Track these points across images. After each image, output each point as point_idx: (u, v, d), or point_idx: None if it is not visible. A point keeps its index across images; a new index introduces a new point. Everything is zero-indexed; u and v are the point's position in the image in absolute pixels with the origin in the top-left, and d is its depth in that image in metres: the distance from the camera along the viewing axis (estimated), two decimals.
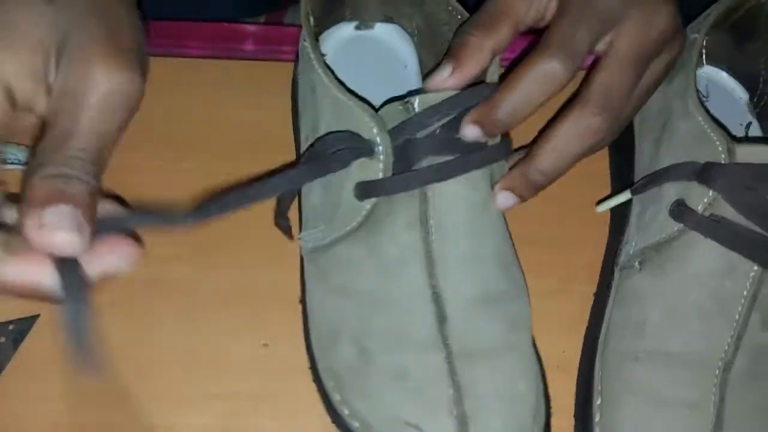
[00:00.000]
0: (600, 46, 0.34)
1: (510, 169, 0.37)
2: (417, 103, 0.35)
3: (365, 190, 0.36)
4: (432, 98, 0.35)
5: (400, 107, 0.35)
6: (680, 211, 0.35)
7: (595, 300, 0.41)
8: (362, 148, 0.35)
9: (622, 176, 0.42)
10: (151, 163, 0.43)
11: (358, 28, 0.45)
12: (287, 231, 0.40)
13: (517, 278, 0.38)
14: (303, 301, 0.40)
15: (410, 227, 0.36)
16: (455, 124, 0.35)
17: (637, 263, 0.37)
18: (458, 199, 0.36)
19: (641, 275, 0.37)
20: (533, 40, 0.38)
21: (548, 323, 0.41)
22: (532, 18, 0.35)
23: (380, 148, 0.35)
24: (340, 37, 0.45)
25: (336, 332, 0.37)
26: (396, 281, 0.36)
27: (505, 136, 0.37)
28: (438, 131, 0.35)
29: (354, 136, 0.35)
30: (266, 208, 0.40)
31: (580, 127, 0.34)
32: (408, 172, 0.35)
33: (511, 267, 0.38)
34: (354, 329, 0.37)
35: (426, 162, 0.35)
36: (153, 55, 0.44)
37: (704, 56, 0.41)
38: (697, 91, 0.37)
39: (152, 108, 0.44)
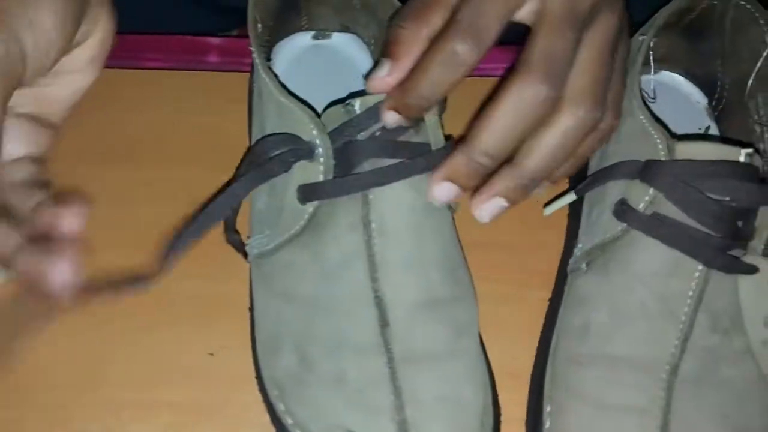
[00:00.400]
0: (529, 17, 0.32)
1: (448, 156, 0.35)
2: (357, 105, 0.35)
3: (306, 192, 0.36)
4: (372, 99, 0.35)
5: (342, 109, 0.35)
6: (623, 210, 0.34)
7: (549, 305, 0.40)
8: (302, 150, 0.35)
9: (580, 178, 0.41)
10: (113, 174, 0.43)
11: (315, 37, 0.46)
12: (239, 246, 0.40)
13: (464, 282, 0.38)
14: (251, 308, 0.40)
15: (352, 230, 0.35)
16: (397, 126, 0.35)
17: (584, 265, 0.37)
18: (400, 202, 0.35)
19: (587, 277, 0.36)
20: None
21: (502, 330, 0.40)
22: None
23: (320, 150, 0.35)
24: (296, 46, 0.45)
25: (278, 339, 0.37)
26: (338, 285, 0.36)
27: (449, 140, 0.37)
28: (379, 133, 0.35)
29: (293, 137, 0.35)
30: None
31: (525, 97, 0.30)
32: (350, 175, 0.35)
33: (457, 271, 0.37)
34: (296, 335, 0.36)
35: (368, 165, 0.35)
36: (116, 68, 0.46)
37: (653, 59, 0.41)
38: (642, 91, 0.36)
39: (115, 120, 0.45)
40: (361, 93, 0.36)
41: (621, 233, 0.35)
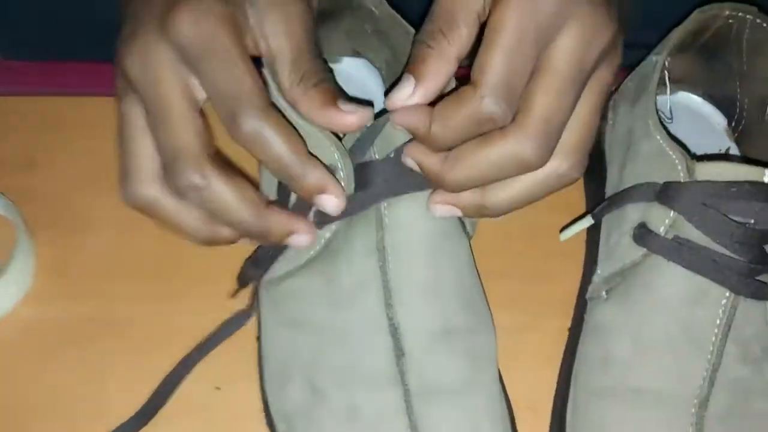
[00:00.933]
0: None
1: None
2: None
3: (322, 215, 0.34)
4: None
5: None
6: (642, 234, 0.33)
7: (569, 334, 0.39)
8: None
9: (597, 203, 0.40)
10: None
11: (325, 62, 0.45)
12: (253, 278, 0.38)
13: (482, 311, 0.36)
14: (259, 337, 0.38)
15: (367, 255, 0.34)
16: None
17: (604, 292, 0.35)
18: (416, 226, 0.34)
19: (607, 305, 0.35)
20: None
21: (521, 361, 0.39)
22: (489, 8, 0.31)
23: (342, 173, 0.34)
24: None
25: (287, 369, 0.36)
26: (351, 312, 0.34)
27: None
28: (393, 154, 0.34)
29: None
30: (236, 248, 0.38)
31: (511, 157, 0.29)
32: (360, 192, 0.34)
33: (474, 299, 0.36)
34: (306, 365, 0.35)
35: (384, 185, 0.34)
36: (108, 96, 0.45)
37: (670, 80, 0.40)
38: (658, 111, 0.35)
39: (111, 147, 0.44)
40: (377, 115, 0.35)
41: (641, 258, 0.33)
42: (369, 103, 0.34)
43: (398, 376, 0.33)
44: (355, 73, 0.45)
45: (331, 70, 0.33)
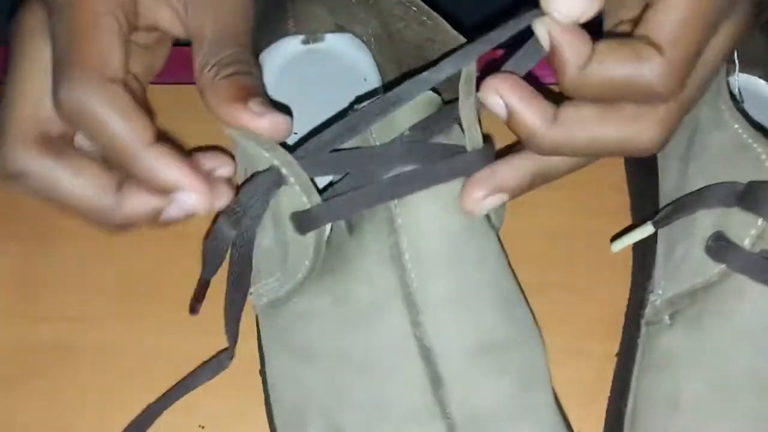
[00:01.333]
0: None
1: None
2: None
3: (298, 222, 0.29)
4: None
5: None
6: (720, 246, 0.27)
7: (618, 362, 0.33)
8: (270, 179, 0.28)
9: (645, 206, 0.34)
10: None
11: (305, 41, 0.38)
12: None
13: (524, 319, 0.30)
14: (263, 371, 0.32)
15: (380, 264, 0.29)
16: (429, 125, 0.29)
17: (666, 317, 0.29)
18: (436, 224, 0.29)
19: (673, 332, 0.29)
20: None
21: (560, 391, 0.32)
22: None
23: (284, 170, 0.28)
24: (285, 52, 0.38)
25: (303, 410, 0.30)
26: (370, 335, 0.29)
27: (488, 139, 0.30)
28: (400, 142, 0.29)
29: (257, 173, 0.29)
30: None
31: (636, 81, 0.25)
32: (350, 191, 0.29)
33: (514, 304, 0.30)
34: (325, 404, 0.30)
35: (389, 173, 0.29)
36: None
37: (737, 58, 0.33)
38: (732, 95, 0.29)
39: None
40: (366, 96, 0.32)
41: (718, 277, 0.27)
42: (287, 110, 0.30)
43: (438, 408, 0.28)
44: (341, 50, 0.38)
45: (259, 69, 0.30)
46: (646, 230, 0.30)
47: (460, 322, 0.29)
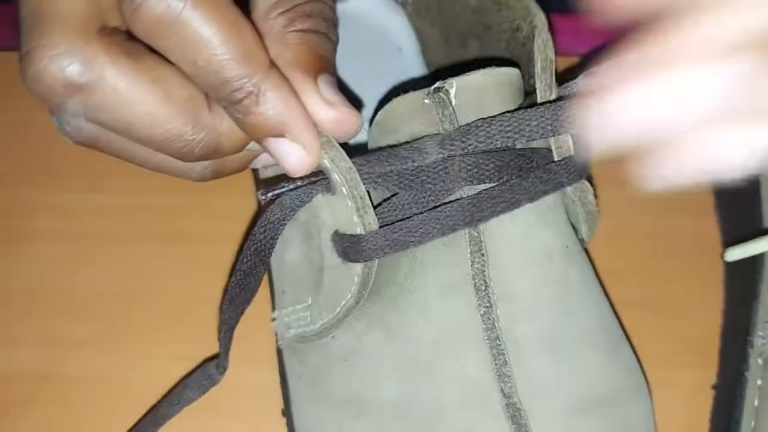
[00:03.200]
0: None
1: None
2: (454, 89, 0.23)
3: (344, 247, 0.23)
4: (477, 79, 0.23)
5: (426, 100, 0.23)
6: None
7: (717, 398, 0.28)
8: (315, 181, 0.23)
9: (739, 206, 0.29)
10: (58, 199, 0.32)
11: None
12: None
13: (630, 361, 0.25)
14: (287, 413, 0.27)
15: (454, 292, 0.23)
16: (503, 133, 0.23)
17: None
18: (532, 245, 0.23)
19: None
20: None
21: None
22: None
23: (336, 175, 0.23)
24: None
25: None
26: (439, 384, 0.23)
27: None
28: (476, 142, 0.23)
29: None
30: (214, 268, 0.30)
31: None
32: (417, 215, 0.23)
33: (620, 348, 0.25)
34: None
35: (459, 193, 0.23)
36: None
37: None
38: None
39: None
40: (393, 74, 0.28)
41: None
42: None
43: None
44: (369, 13, 0.32)
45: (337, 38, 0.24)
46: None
47: (560, 373, 0.23)
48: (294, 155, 0.22)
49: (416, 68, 0.32)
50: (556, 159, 0.23)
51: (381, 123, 0.24)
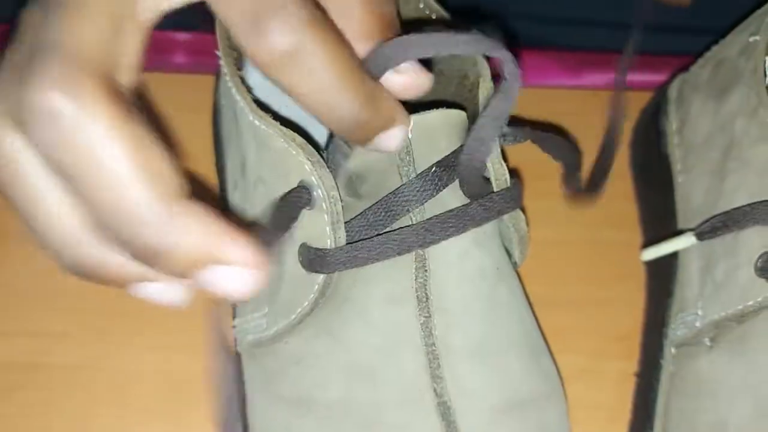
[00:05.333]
0: None
1: None
2: (410, 127, 0.25)
3: (311, 259, 0.26)
4: (433, 119, 0.26)
5: None
6: None
7: (638, 384, 0.31)
8: (298, 195, 0.25)
9: (658, 218, 0.33)
10: None
11: None
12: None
13: (551, 371, 0.28)
14: (242, 414, 0.29)
15: (400, 305, 0.26)
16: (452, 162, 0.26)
17: (707, 339, 0.28)
18: (468, 264, 0.26)
19: (714, 356, 0.28)
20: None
21: (577, 413, 0.30)
22: None
23: (320, 191, 0.25)
24: None
25: None
26: (379, 385, 0.26)
27: (515, 176, 0.27)
28: (434, 170, 0.26)
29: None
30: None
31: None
32: (376, 236, 0.25)
33: (541, 356, 0.28)
34: None
35: (411, 216, 0.26)
36: None
37: (767, 67, 0.32)
38: None
39: None
40: None
41: None
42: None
43: None
44: None
45: None
46: (687, 241, 0.29)
47: (486, 377, 0.26)
48: (395, 140, 0.23)
49: None
50: (495, 190, 0.26)
51: (340, 145, 0.26)
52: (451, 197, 0.26)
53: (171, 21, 0.22)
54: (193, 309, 0.30)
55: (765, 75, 0.31)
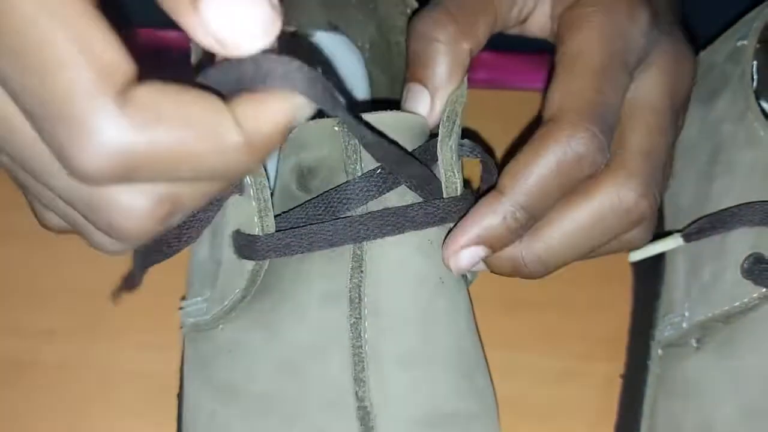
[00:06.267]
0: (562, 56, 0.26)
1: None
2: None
3: (240, 244, 0.26)
4: (389, 121, 0.26)
5: (336, 127, 0.26)
6: (759, 269, 0.26)
7: (624, 385, 0.32)
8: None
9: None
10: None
11: (293, 35, 0.35)
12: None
13: (485, 392, 0.27)
14: (180, 395, 0.29)
15: (331, 303, 0.25)
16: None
17: (693, 340, 0.28)
18: (406, 271, 0.26)
19: (701, 357, 0.28)
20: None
21: (564, 415, 0.31)
22: (515, 18, 0.28)
23: (248, 179, 0.25)
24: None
25: None
26: (304, 382, 0.25)
27: (468, 185, 0.28)
28: (379, 171, 0.26)
29: None
30: (176, 265, 0.29)
31: (612, 207, 0.25)
32: (311, 224, 0.25)
33: (477, 375, 0.27)
34: None
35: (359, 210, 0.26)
36: None
37: (754, 71, 0.33)
38: (762, 111, 0.28)
39: None
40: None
41: (758, 301, 0.26)
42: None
43: None
44: (331, 52, 0.35)
45: None
46: (674, 242, 0.29)
47: (412, 387, 0.25)
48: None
49: (362, 107, 0.33)
50: (444, 196, 0.26)
51: (292, 138, 0.26)
52: (398, 199, 0.26)
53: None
54: (169, 310, 0.31)
55: (752, 80, 0.31)
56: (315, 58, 0.34)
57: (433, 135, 0.27)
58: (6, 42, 0.15)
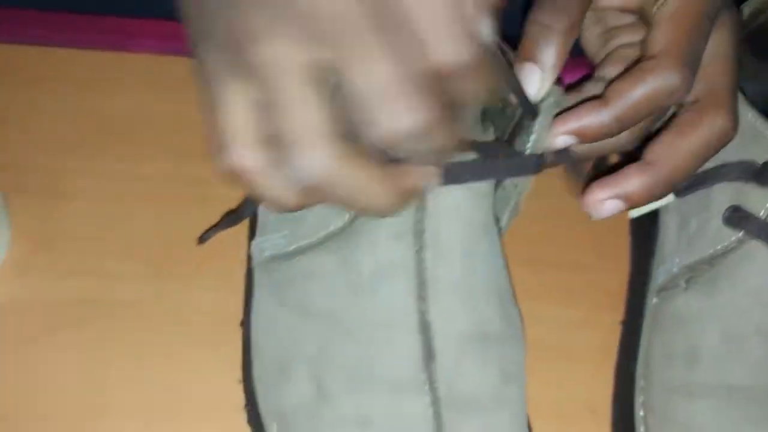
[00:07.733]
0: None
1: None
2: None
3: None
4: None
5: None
6: (738, 217, 0.31)
7: (623, 330, 0.36)
8: None
9: None
10: (110, 167, 0.38)
11: None
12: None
13: (515, 320, 0.32)
14: (246, 323, 0.33)
15: (399, 237, 0.30)
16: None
17: (683, 282, 0.32)
18: (460, 214, 0.30)
19: (688, 295, 0.32)
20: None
21: (574, 359, 0.36)
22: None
23: None
24: None
25: (288, 362, 0.31)
26: (374, 301, 0.30)
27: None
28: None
29: None
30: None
31: (717, 133, 0.30)
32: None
33: (508, 304, 0.32)
34: (312, 359, 0.30)
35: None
36: (108, 50, 0.41)
37: None
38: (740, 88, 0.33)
39: (108, 106, 0.40)
40: None
41: (736, 244, 0.31)
42: None
43: (426, 382, 0.29)
44: None
45: None
46: (667, 198, 0.33)
47: (462, 307, 0.30)
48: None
49: None
50: (527, 152, 0.29)
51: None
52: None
53: None
54: (230, 264, 0.35)
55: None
56: None
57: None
58: None
